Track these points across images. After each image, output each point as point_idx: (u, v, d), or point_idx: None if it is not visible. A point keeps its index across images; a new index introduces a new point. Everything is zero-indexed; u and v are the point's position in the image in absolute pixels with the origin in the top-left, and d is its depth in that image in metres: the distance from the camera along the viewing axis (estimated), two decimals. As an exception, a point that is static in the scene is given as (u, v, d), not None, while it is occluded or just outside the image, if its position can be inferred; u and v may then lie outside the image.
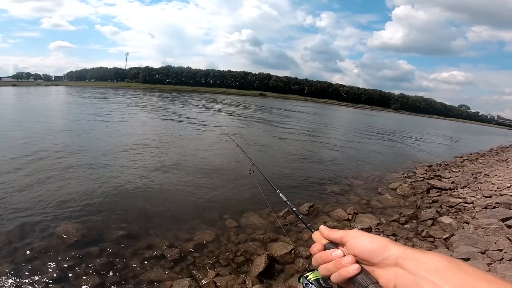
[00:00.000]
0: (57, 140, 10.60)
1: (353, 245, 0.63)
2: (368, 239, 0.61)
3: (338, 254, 0.64)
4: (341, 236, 0.67)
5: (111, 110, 22.75)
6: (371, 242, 0.61)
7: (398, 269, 0.55)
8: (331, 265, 0.63)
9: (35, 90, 51.77)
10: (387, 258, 0.57)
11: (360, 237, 0.63)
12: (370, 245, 0.60)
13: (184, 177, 7.52)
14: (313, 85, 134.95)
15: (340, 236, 0.67)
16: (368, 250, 0.60)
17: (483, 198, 6.97)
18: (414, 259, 0.54)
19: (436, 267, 0.51)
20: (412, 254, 0.55)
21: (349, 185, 8.34)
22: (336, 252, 0.64)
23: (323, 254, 0.66)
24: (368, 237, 0.62)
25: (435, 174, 10.42)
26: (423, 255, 0.54)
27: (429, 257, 0.53)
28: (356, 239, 0.63)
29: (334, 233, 0.69)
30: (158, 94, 56.76)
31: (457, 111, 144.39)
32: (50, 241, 4.21)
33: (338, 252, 0.64)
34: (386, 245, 0.59)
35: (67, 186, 6.25)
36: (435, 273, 0.50)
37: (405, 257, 0.55)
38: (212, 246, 4.47)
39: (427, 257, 0.53)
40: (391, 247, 0.58)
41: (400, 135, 27.09)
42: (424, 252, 0.55)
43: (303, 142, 15.52)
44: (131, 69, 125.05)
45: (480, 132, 58.43)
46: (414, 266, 0.53)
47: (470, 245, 4.30)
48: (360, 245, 0.61)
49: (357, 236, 0.63)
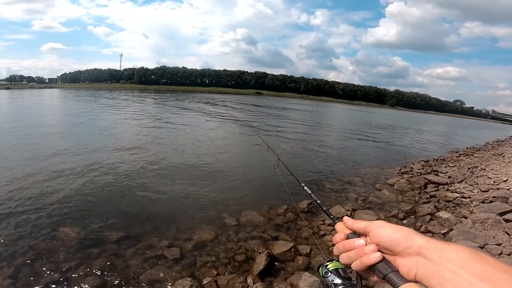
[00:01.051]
0: (55, 142, 10.52)
1: (377, 234, 0.64)
2: (392, 229, 0.63)
3: (360, 243, 0.66)
4: (365, 226, 0.69)
5: (109, 111, 22.61)
6: (395, 231, 0.62)
7: (420, 258, 0.56)
8: (353, 253, 0.66)
9: (30, 93, 51.27)
10: (410, 247, 0.58)
11: (384, 227, 0.65)
12: (394, 234, 0.61)
13: (183, 177, 7.50)
14: (309, 82, 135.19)
15: (364, 226, 0.69)
16: (392, 239, 0.61)
17: (480, 193, 7.03)
18: (437, 248, 0.55)
19: (459, 257, 0.51)
20: (435, 244, 0.56)
21: (347, 181, 8.36)
22: (359, 241, 0.67)
23: (345, 243, 0.69)
24: (392, 227, 0.64)
25: (432, 169, 10.49)
26: (447, 245, 0.55)
27: (452, 248, 0.54)
28: (380, 229, 0.65)
29: (358, 223, 0.71)
30: (154, 95, 56.47)
31: (452, 107, 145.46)
32: (50, 243, 4.19)
33: (361, 241, 0.66)
34: (410, 235, 0.60)
35: (67, 188, 6.20)
36: (457, 263, 0.51)
37: (428, 247, 0.56)
38: (212, 245, 4.47)
39: (450, 248, 0.54)
40: (415, 237, 0.59)
41: (396, 131, 27.21)
42: (447, 243, 0.56)
43: (300, 140, 15.53)
44: (126, 70, 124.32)
45: (475, 127, 58.91)
46: (436, 255, 0.54)
47: (469, 239, 4.33)
48: (384, 234, 0.63)
49: (381, 226, 0.65)
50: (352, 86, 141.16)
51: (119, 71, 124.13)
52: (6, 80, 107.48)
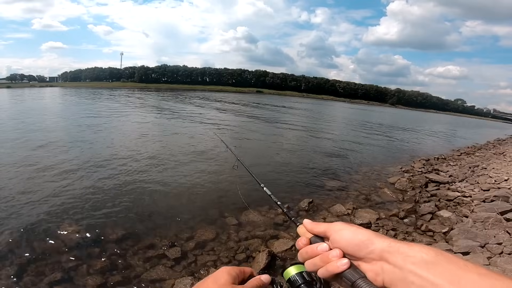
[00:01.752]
0: (57, 141, 10.52)
1: (337, 238, 0.60)
2: (351, 232, 0.59)
3: (323, 248, 0.61)
4: (324, 229, 0.64)
5: (111, 110, 22.62)
6: (354, 235, 0.58)
7: (384, 263, 0.53)
8: (317, 260, 0.61)
9: (30, 92, 51.34)
10: (372, 252, 0.54)
11: (343, 230, 0.60)
12: (353, 238, 0.58)
13: (184, 176, 7.51)
14: (310, 81, 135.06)
15: (324, 229, 0.64)
16: (352, 244, 0.57)
17: (481, 192, 7.02)
18: (399, 252, 0.51)
19: (424, 260, 0.48)
20: (397, 247, 0.52)
21: (348, 180, 8.37)
22: (322, 246, 0.62)
23: (308, 249, 0.64)
24: (351, 230, 0.59)
25: (433, 168, 10.47)
26: (409, 248, 0.51)
27: (415, 250, 0.50)
28: (339, 232, 0.60)
29: (318, 226, 0.66)
30: (156, 94, 56.48)
31: (453, 105, 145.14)
32: (52, 242, 4.20)
33: (323, 246, 0.62)
34: (369, 238, 0.56)
35: (68, 187, 6.21)
36: (423, 267, 0.47)
37: (390, 251, 0.52)
38: (213, 244, 4.48)
39: (414, 250, 0.50)
40: (375, 241, 0.55)
41: (397, 129, 27.17)
42: (410, 245, 0.52)
43: (301, 139, 15.54)
44: (127, 68, 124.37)
45: (477, 126, 58.79)
46: (400, 260, 0.50)
47: (470, 239, 4.33)
48: (343, 239, 0.59)
49: (340, 229, 0.61)
50: (353, 85, 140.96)
51: (119, 69, 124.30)
52: (7, 79, 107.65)
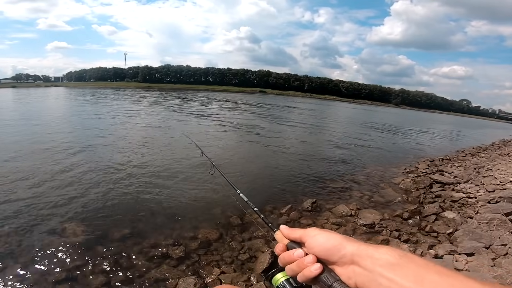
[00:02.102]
0: (61, 141, 10.60)
1: (312, 244, 0.63)
2: (324, 237, 0.61)
3: (299, 254, 0.64)
4: (300, 235, 0.67)
5: (116, 110, 22.76)
6: (327, 240, 0.61)
7: (355, 266, 0.55)
8: (295, 266, 0.63)
9: (36, 92, 51.80)
10: (344, 256, 0.57)
11: (316, 236, 0.63)
12: (326, 243, 0.60)
13: (188, 176, 7.52)
14: (313, 81, 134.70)
15: (299, 235, 0.67)
16: (325, 249, 0.60)
17: (486, 193, 6.96)
18: (368, 255, 0.54)
19: (389, 262, 0.51)
20: (366, 251, 0.55)
21: (351, 181, 8.33)
22: (297, 251, 0.64)
23: (286, 255, 0.67)
24: (324, 235, 0.62)
25: (438, 168, 10.40)
26: (376, 250, 0.54)
27: (381, 252, 0.53)
28: (313, 238, 0.63)
29: (294, 232, 0.69)
30: (159, 93, 56.69)
31: (458, 106, 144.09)
32: (56, 241, 4.23)
33: (299, 252, 0.64)
34: (340, 242, 0.59)
35: (72, 186, 6.26)
36: (389, 268, 0.50)
37: (359, 254, 0.55)
38: (216, 244, 4.49)
39: (380, 252, 0.53)
40: (346, 245, 0.58)
41: (401, 130, 27.02)
42: (376, 247, 0.55)
43: (304, 139, 15.51)
44: (131, 68, 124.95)
45: (482, 126, 58.28)
46: (369, 262, 0.53)
47: (474, 240, 4.30)
48: (317, 244, 0.61)
49: (314, 235, 0.63)
50: (357, 85, 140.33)
51: (123, 69, 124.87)
52: (12, 78, 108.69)
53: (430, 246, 4.44)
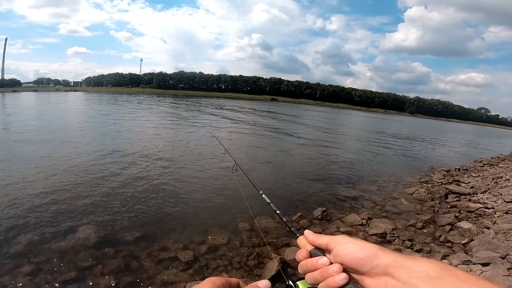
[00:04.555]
0: (76, 144, 10.92)
1: (340, 252, 0.59)
2: (355, 246, 0.58)
3: (324, 262, 0.61)
4: (327, 242, 0.63)
5: (130, 115, 23.29)
6: (358, 249, 0.57)
7: (388, 278, 0.52)
8: (317, 274, 0.60)
9: (56, 96, 53.67)
10: (377, 266, 0.54)
11: (347, 244, 0.59)
12: (357, 252, 0.57)
13: (199, 181, 7.59)
14: (325, 89, 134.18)
15: (326, 242, 0.63)
16: (356, 259, 0.56)
17: (504, 203, 6.73)
18: (404, 267, 0.51)
19: (428, 275, 0.48)
20: (402, 262, 0.52)
21: (363, 189, 8.20)
22: (322, 259, 0.61)
23: (308, 262, 0.63)
24: (355, 244, 0.59)
25: (454, 179, 10.11)
26: (414, 262, 0.51)
27: (420, 265, 0.50)
28: (342, 246, 0.59)
29: (320, 238, 0.65)
30: (173, 100, 57.72)
31: (476, 114, 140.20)
32: (68, 242, 4.33)
33: (324, 260, 0.61)
34: (374, 253, 0.55)
35: (86, 189, 6.41)
36: (427, 281, 0.47)
37: (395, 265, 0.52)
38: (225, 249, 4.49)
39: (418, 265, 0.50)
40: (380, 255, 0.55)
41: (415, 139, 26.47)
42: (415, 259, 0.52)
43: (317, 147, 15.41)
44: (146, 74, 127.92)
45: (501, 136, 56.47)
46: (405, 274, 0.50)
47: (490, 250, 4.16)
48: (347, 253, 0.58)
49: (344, 243, 0.60)
50: (370, 93, 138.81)
51: (139, 75, 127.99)
52: (34, 82, 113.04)
53: (443, 256, 4.31)
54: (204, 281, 0.55)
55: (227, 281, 0.58)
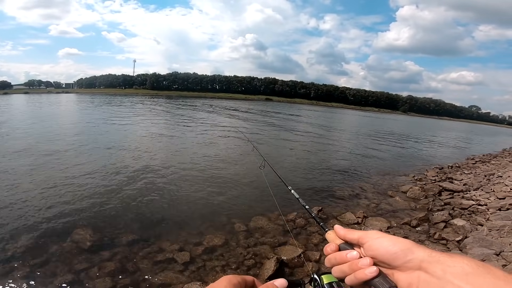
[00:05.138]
0: (72, 146, 10.80)
1: (373, 247, 0.59)
2: (390, 241, 0.58)
3: (354, 256, 0.61)
4: (359, 236, 0.63)
5: (124, 116, 23.10)
6: (393, 244, 0.57)
7: (422, 272, 0.52)
8: (346, 267, 0.61)
9: (48, 98, 52.95)
10: (411, 261, 0.54)
11: (380, 238, 0.59)
12: (392, 247, 0.57)
13: (194, 182, 7.56)
14: (319, 88, 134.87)
15: (358, 236, 0.64)
16: (390, 253, 0.56)
17: (496, 200, 6.83)
18: (440, 262, 0.51)
19: (464, 271, 0.47)
20: (438, 258, 0.52)
21: (359, 188, 8.26)
22: (352, 253, 0.62)
23: (337, 255, 0.64)
24: (389, 239, 0.59)
25: (447, 176, 10.24)
26: (450, 258, 0.51)
27: (456, 261, 0.50)
28: (376, 240, 0.60)
29: (351, 233, 0.66)
30: (167, 101, 57.37)
31: (468, 112, 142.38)
32: (64, 244, 4.29)
33: (354, 254, 0.61)
34: (409, 248, 0.55)
35: (80, 191, 6.35)
36: (462, 277, 0.47)
37: (430, 261, 0.52)
38: (222, 249, 4.48)
39: (454, 261, 0.50)
40: (415, 250, 0.55)
41: (409, 137, 26.73)
42: (451, 255, 0.52)
43: (311, 146, 15.47)
44: (139, 75, 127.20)
45: (492, 133, 57.34)
46: (440, 269, 0.50)
47: (484, 247, 4.22)
48: (381, 247, 0.58)
49: (377, 238, 0.60)
50: (363, 92, 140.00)
51: (132, 76, 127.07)
52: (25, 84, 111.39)
53: (438, 254, 4.35)
54: (220, 279, 0.55)
55: (243, 279, 0.58)
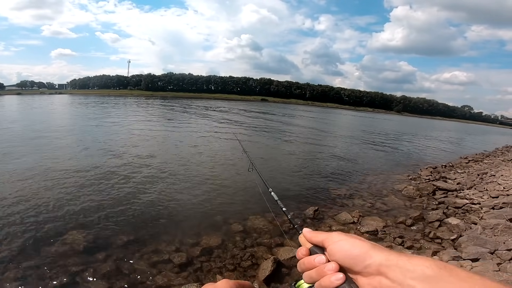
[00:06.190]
0: (65, 147, 10.69)
1: (334, 250, 0.56)
2: (349, 244, 0.55)
3: (320, 260, 0.58)
4: (322, 240, 0.60)
5: (118, 117, 22.93)
6: (352, 247, 0.54)
7: (382, 278, 0.49)
8: (314, 273, 0.58)
9: (41, 99, 52.32)
10: (369, 266, 0.51)
11: (341, 242, 0.56)
12: (350, 251, 0.54)
13: (190, 182, 7.54)
14: (315, 89, 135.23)
15: (322, 240, 0.60)
16: (350, 257, 0.54)
17: (490, 199, 6.93)
18: (398, 266, 0.48)
19: (425, 274, 0.45)
20: (396, 261, 0.48)
21: (354, 188, 8.30)
22: (319, 257, 0.58)
23: (306, 260, 0.61)
24: (349, 242, 0.55)
25: (440, 175, 10.36)
26: (409, 261, 0.48)
27: (415, 263, 0.47)
28: (337, 244, 0.56)
29: (317, 236, 0.62)
30: (163, 102, 57.10)
31: (460, 112, 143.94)
32: (58, 247, 4.24)
33: (321, 258, 0.58)
34: (367, 251, 0.52)
35: (75, 192, 6.29)
36: (423, 282, 0.44)
37: (388, 265, 0.49)
38: (219, 250, 4.47)
39: (414, 264, 0.47)
40: (373, 254, 0.51)
41: (403, 137, 26.97)
42: (410, 258, 0.49)
43: (307, 147, 15.52)
44: (134, 76, 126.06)
45: (484, 132, 58.11)
46: (400, 274, 0.47)
47: (479, 245, 4.27)
48: (341, 251, 0.55)
49: (337, 241, 0.57)
50: (358, 92, 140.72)
51: (127, 77, 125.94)
52: (17, 85, 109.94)
53: (434, 253, 4.40)
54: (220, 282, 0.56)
55: (240, 283, 0.57)
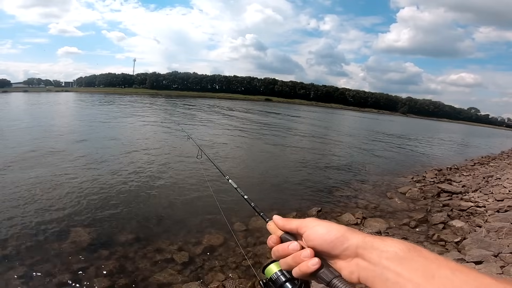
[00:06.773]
0: (69, 145, 10.79)
1: (310, 236, 0.58)
2: (325, 229, 0.56)
3: (295, 247, 0.59)
4: (296, 226, 0.61)
5: (123, 116, 23.07)
6: (328, 232, 0.56)
7: (359, 259, 0.51)
8: (290, 259, 0.59)
9: (47, 96, 52.86)
10: (347, 249, 0.53)
11: (316, 227, 0.58)
12: (327, 235, 0.55)
13: (193, 181, 7.55)
14: (319, 89, 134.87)
15: (296, 226, 0.61)
16: (327, 242, 0.55)
17: (495, 202, 6.86)
18: (374, 247, 0.50)
19: (397, 255, 0.47)
20: (371, 243, 0.51)
21: (357, 189, 8.27)
22: (293, 244, 0.59)
23: (280, 247, 0.62)
24: (325, 226, 0.57)
25: (446, 178, 10.26)
26: (383, 242, 0.50)
27: (388, 245, 0.49)
28: (312, 229, 0.58)
29: (290, 223, 0.63)
30: (167, 100, 57.32)
31: (466, 114, 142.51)
32: (62, 245, 4.27)
33: (294, 245, 0.59)
34: (343, 234, 0.54)
35: (79, 190, 6.34)
36: (396, 262, 0.47)
37: (365, 247, 0.51)
38: (221, 249, 4.48)
39: (387, 245, 0.50)
40: (350, 237, 0.54)
41: (408, 139, 26.77)
42: (383, 239, 0.51)
43: (311, 147, 15.48)
44: (139, 75, 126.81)
45: (490, 135, 57.49)
46: (375, 255, 0.49)
47: (483, 248, 4.23)
48: (317, 236, 0.56)
49: (313, 226, 0.58)
50: (363, 93, 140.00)
51: (132, 76, 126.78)
52: (24, 83, 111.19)
53: (437, 255, 4.36)
54: None
55: None
